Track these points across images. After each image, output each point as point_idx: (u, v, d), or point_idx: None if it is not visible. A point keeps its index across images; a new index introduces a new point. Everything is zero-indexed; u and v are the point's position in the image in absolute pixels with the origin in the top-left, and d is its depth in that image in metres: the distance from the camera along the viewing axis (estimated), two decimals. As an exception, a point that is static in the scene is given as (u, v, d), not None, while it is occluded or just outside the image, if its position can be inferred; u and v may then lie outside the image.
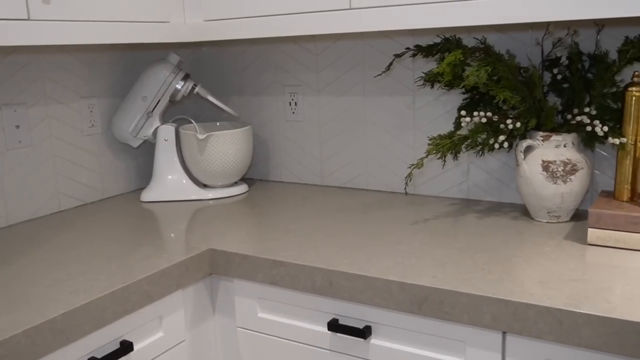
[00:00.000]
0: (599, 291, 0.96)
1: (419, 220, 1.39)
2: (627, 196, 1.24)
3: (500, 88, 1.25)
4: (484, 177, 1.54)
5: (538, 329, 0.92)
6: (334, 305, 1.15)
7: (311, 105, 1.78)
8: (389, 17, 1.25)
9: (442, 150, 1.28)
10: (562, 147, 1.28)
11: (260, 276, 1.20)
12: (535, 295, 0.95)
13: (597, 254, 1.13)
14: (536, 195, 1.30)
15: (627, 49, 1.23)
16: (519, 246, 1.19)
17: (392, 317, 1.09)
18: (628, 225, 1.14)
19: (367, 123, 1.70)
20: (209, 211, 1.56)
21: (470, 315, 0.98)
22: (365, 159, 1.72)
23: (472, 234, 1.28)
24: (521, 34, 1.43)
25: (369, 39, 1.65)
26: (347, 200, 1.61)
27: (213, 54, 1.95)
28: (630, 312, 0.88)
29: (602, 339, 0.88)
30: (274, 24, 1.41)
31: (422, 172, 1.63)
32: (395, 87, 1.63)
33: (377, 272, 1.08)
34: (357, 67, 1.68)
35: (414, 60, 1.58)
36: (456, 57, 1.23)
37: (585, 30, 1.36)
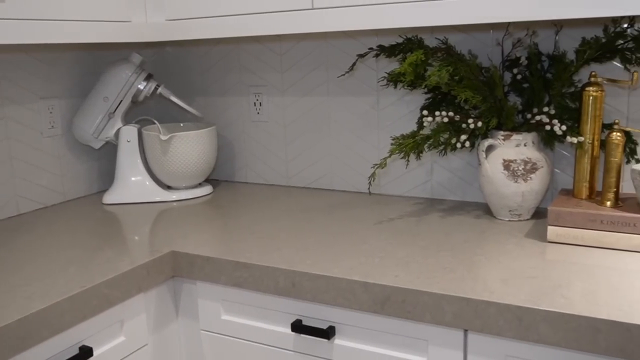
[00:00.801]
0: (557, 288, 0.97)
1: (383, 220, 1.39)
2: (586, 194, 1.26)
3: (461, 88, 1.26)
4: (447, 176, 1.56)
5: (498, 326, 0.93)
6: (297, 306, 1.14)
7: (276, 105, 1.78)
8: (351, 17, 1.25)
9: (405, 150, 1.29)
10: (523, 146, 1.30)
11: (224, 278, 1.19)
12: (496, 293, 0.96)
13: (556, 251, 1.15)
14: (498, 194, 1.32)
15: (584, 50, 1.25)
16: (481, 245, 1.20)
17: (355, 317, 1.09)
18: (586, 223, 1.16)
19: (332, 123, 1.70)
20: (173, 213, 1.55)
21: (432, 314, 0.98)
22: (330, 159, 1.72)
23: (436, 233, 1.28)
24: (482, 34, 1.44)
25: (332, 39, 1.65)
26: (312, 201, 1.61)
27: (177, 54, 1.93)
28: (586, 308, 0.89)
29: (560, 334, 0.89)
30: (236, 23, 1.40)
31: (386, 172, 1.64)
32: (360, 87, 1.63)
33: (340, 272, 1.08)
34: (321, 67, 1.68)
35: (378, 61, 1.59)
36: (418, 57, 1.24)
37: (544, 31, 1.38)
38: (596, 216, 1.15)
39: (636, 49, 1.23)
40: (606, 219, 1.14)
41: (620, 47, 1.25)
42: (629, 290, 0.95)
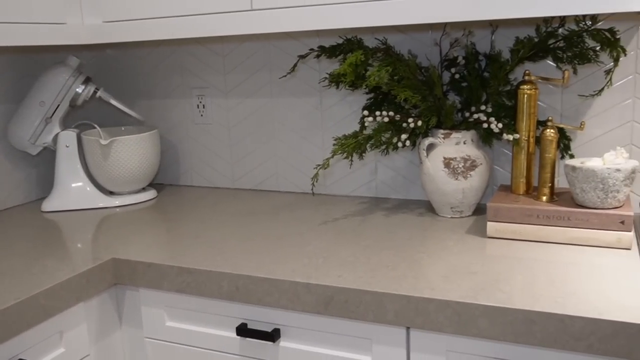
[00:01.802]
0: (495, 282, 0.99)
1: (328, 220, 1.40)
2: (523, 190, 1.30)
3: (401, 88, 1.27)
4: (391, 175, 1.57)
5: (439, 322, 0.95)
6: (242, 309, 1.14)
7: (219, 107, 1.76)
8: (290, 19, 1.25)
9: (347, 150, 1.30)
10: (462, 144, 1.32)
11: (167, 284, 1.17)
12: (436, 289, 0.97)
13: (495, 246, 1.17)
14: (439, 191, 1.34)
15: (518, 49, 1.28)
16: (423, 242, 1.21)
17: (300, 318, 1.08)
18: (523, 218, 1.19)
19: (276, 124, 1.69)
20: (116, 219, 1.51)
21: (375, 313, 0.99)
22: (275, 160, 1.71)
23: (379, 232, 1.30)
24: (421, 34, 1.46)
25: (275, 40, 1.64)
26: (258, 203, 1.60)
27: (117, 56, 1.88)
28: (523, 301, 0.91)
29: (498, 328, 0.91)
30: (175, 25, 1.37)
31: (332, 172, 1.64)
32: (303, 88, 1.63)
33: (284, 274, 1.07)
34: (264, 68, 1.67)
35: (320, 61, 1.59)
36: (357, 57, 1.24)
37: (480, 31, 1.41)
38: (532, 211, 1.18)
39: (567, 48, 1.27)
40: (542, 213, 1.18)
41: (552, 46, 1.28)
42: (564, 282, 0.98)
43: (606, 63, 1.32)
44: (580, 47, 1.26)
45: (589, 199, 1.15)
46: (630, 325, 0.83)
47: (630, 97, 1.32)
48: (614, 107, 1.34)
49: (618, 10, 1.02)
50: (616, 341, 0.84)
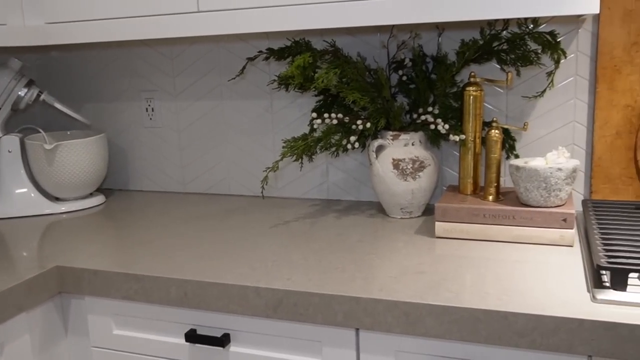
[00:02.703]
0: (442, 282, 1.00)
1: (279, 223, 1.39)
2: (471, 189, 1.32)
3: (349, 90, 1.28)
4: (342, 177, 1.58)
5: (387, 322, 0.95)
6: (191, 315, 1.12)
7: (169, 110, 1.73)
8: (237, 21, 1.24)
9: (297, 153, 1.29)
10: (411, 146, 1.34)
11: (114, 292, 1.15)
12: (385, 290, 0.98)
13: (444, 245, 1.19)
14: (389, 192, 1.35)
15: (463, 51, 1.30)
16: (374, 243, 1.22)
17: (249, 323, 1.07)
18: (471, 217, 1.21)
19: (227, 127, 1.68)
20: (62, 226, 1.47)
21: (324, 315, 0.99)
22: (226, 163, 1.70)
23: (330, 234, 1.30)
24: (370, 37, 1.47)
25: (224, 42, 1.63)
26: (209, 207, 1.58)
27: (63, 59, 1.84)
28: (469, 300, 0.93)
29: (444, 326, 0.92)
30: (121, 27, 1.35)
31: (283, 175, 1.64)
32: (253, 90, 1.62)
33: (233, 278, 1.06)
34: (213, 70, 1.66)
35: (270, 64, 1.59)
36: (305, 59, 1.24)
37: (428, 34, 1.42)
38: (479, 210, 1.20)
39: (510, 50, 1.30)
40: (488, 212, 1.20)
41: (496, 48, 1.31)
42: (509, 280, 1.00)
43: (548, 65, 1.35)
44: (523, 50, 1.29)
45: (532, 198, 1.18)
46: (571, 320, 0.85)
47: (572, 98, 1.35)
48: (556, 108, 1.37)
49: (558, 13, 1.04)
50: (558, 336, 0.86)
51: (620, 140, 1.31)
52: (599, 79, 1.30)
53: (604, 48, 1.29)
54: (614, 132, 1.31)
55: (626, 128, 1.30)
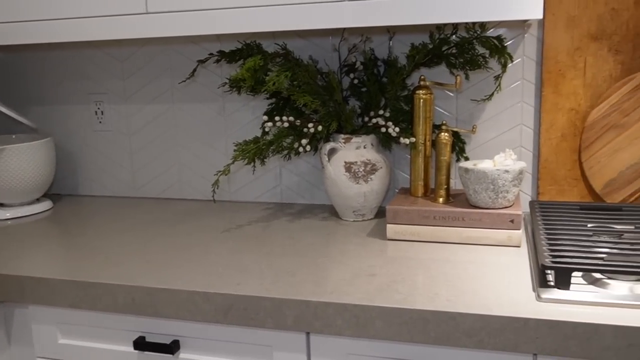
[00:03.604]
0: (392, 283, 1.01)
1: (231, 228, 1.38)
2: (421, 192, 1.33)
3: (301, 93, 1.27)
4: (295, 180, 1.57)
5: (337, 325, 0.95)
6: (139, 322, 1.10)
7: (119, 113, 1.70)
8: (186, 23, 1.22)
9: (248, 156, 1.28)
10: (362, 149, 1.34)
11: (59, 300, 1.11)
12: (335, 293, 0.98)
13: (395, 248, 1.20)
14: (342, 195, 1.35)
15: (413, 55, 1.31)
16: (326, 246, 1.22)
17: (199, 328, 1.06)
18: (421, 219, 1.22)
19: (179, 131, 1.65)
20: (7, 232, 1.42)
21: (274, 320, 0.98)
22: (178, 167, 1.68)
23: (282, 237, 1.29)
24: (322, 40, 1.47)
25: (175, 44, 1.60)
26: (160, 212, 1.55)
27: (8, 60, 1.78)
28: (418, 301, 0.93)
29: (393, 328, 0.92)
30: (67, 28, 1.32)
31: (236, 178, 1.62)
32: (205, 93, 1.60)
33: (182, 284, 1.05)
34: (165, 73, 1.63)
35: (222, 67, 1.57)
36: (255, 62, 1.24)
37: (379, 37, 1.43)
38: (429, 212, 1.21)
39: (459, 54, 1.31)
40: (438, 214, 1.21)
41: (445, 52, 1.33)
42: (457, 281, 1.01)
43: (496, 69, 1.37)
44: (471, 54, 1.31)
45: (481, 200, 1.20)
46: (516, 320, 0.87)
47: (519, 101, 1.38)
48: (504, 111, 1.40)
49: (503, 18, 1.06)
50: (504, 335, 0.88)
51: (566, 142, 1.34)
52: (545, 83, 1.33)
53: (549, 53, 1.32)
54: (559, 135, 1.34)
55: (571, 131, 1.34)
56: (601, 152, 1.31)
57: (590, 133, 1.31)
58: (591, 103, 1.32)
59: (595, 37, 1.29)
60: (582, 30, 1.30)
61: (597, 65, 1.30)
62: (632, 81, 1.27)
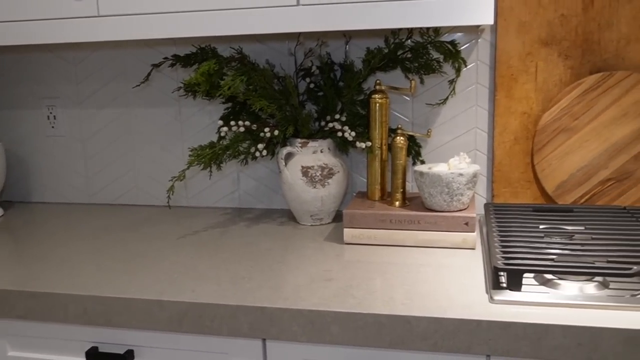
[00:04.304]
0: (349, 288, 1.01)
1: (188, 234, 1.36)
2: (379, 195, 1.34)
3: (256, 97, 1.27)
4: (253, 185, 1.56)
5: (293, 331, 0.95)
6: (92, 332, 1.07)
7: (72, 118, 1.66)
8: (139, 26, 1.20)
9: (204, 161, 1.27)
10: (319, 153, 1.34)
11: (8, 310, 1.08)
12: (290, 299, 0.97)
13: (352, 252, 1.20)
14: (299, 199, 1.35)
15: (369, 59, 1.32)
16: (283, 252, 1.21)
17: (154, 337, 1.04)
18: (377, 223, 1.23)
19: (134, 136, 1.63)
20: (-49, 242, 1.38)
21: (229, 327, 0.97)
22: (134, 173, 1.65)
23: (239, 243, 1.28)
24: (279, 44, 1.47)
25: (130, 48, 1.58)
26: (115, 219, 1.53)
27: (-46, 64, 1.73)
28: (373, 305, 0.93)
29: (349, 333, 0.92)
30: (15, 30, 1.28)
31: (193, 184, 1.60)
32: (161, 97, 1.58)
33: (136, 292, 1.03)
34: (119, 77, 1.60)
35: (177, 71, 1.55)
36: (210, 66, 1.22)
37: (335, 42, 1.44)
38: (385, 216, 1.22)
39: (414, 59, 1.33)
40: (394, 218, 1.22)
41: (400, 57, 1.34)
42: (413, 284, 1.02)
43: (450, 74, 1.39)
44: (426, 59, 1.32)
45: (436, 203, 1.21)
46: (469, 322, 0.88)
47: (474, 105, 1.40)
48: (459, 115, 1.42)
49: (455, 23, 1.08)
50: (458, 337, 0.88)
51: (519, 145, 1.37)
52: (498, 87, 1.36)
53: (501, 57, 1.34)
54: (512, 138, 1.37)
55: (523, 134, 1.36)
56: (552, 154, 1.33)
57: (542, 136, 1.33)
58: (543, 107, 1.34)
59: (545, 43, 1.32)
60: (533, 35, 1.32)
61: (548, 69, 1.33)
62: (581, 85, 1.30)
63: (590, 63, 1.31)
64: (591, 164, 1.32)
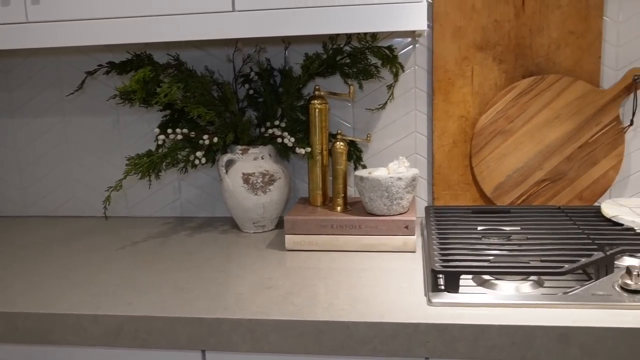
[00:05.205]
0: (288, 295, 1.00)
1: (126, 245, 1.33)
2: (320, 201, 1.34)
3: (194, 104, 1.25)
4: (195, 193, 1.54)
5: (232, 341, 0.93)
6: (23, 352, 1.03)
7: (4, 128, 1.60)
8: (70, 33, 1.17)
9: (142, 170, 1.24)
10: (260, 159, 1.33)
11: None
12: (229, 308, 0.96)
13: (294, 258, 1.19)
14: (241, 207, 1.34)
15: (307, 65, 1.32)
16: (224, 261, 1.20)
17: (89, 354, 1.01)
18: (319, 229, 1.22)
19: (71, 145, 1.58)
20: None
21: (167, 339, 0.95)
22: (72, 183, 1.60)
23: (179, 253, 1.26)
24: (217, 50, 1.45)
25: (64, 55, 1.53)
26: (52, 231, 1.48)
27: None
28: (312, 312, 0.93)
29: (289, 341, 0.92)
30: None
31: (134, 193, 1.57)
32: (98, 105, 1.54)
33: (69, 307, 0.99)
34: (54, 85, 1.56)
35: (114, 78, 1.52)
36: (145, 74, 1.20)
37: (274, 47, 1.43)
38: (327, 221, 1.22)
39: (352, 64, 1.33)
40: (336, 223, 1.22)
41: (339, 62, 1.34)
42: (353, 289, 1.02)
43: (388, 79, 1.41)
44: (364, 64, 1.33)
45: (376, 207, 1.21)
46: (407, 325, 0.88)
47: (413, 109, 1.42)
48: (399, 119, 1.43)
49: (390, 29, 1.09)
50: (396, 341, 0.89)
51: (457, 148, 1.39)
52: (435, 91, 1.38)
53: (438, 62, 1.36)
54: (451, 141, 1.39)
55: (461, 137, 1.39)
56: (490, 157, 1.36)
57: (480, 139, 1.36)
58: (479, 110, 1.37)
59: (480, 47, 1.35)
60: (468, 40, 1.35)
61: (484, 73, 1.36)
62: (515, 89, 1.34)
63: (523, 67, 1.35)
64: (527, 166, 1.35)
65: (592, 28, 1.31)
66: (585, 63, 1.33)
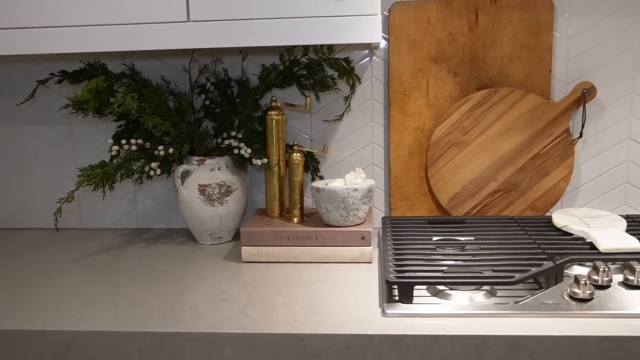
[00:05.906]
0: (243, 308, 1.00)
1: (79, 257, 1.30)
2: (278, 212, 1.33)
3: (149, 114, 1.23)
4: (151, 204, 1.52)
5: (186, 356, 0.92)
6: (-32, 368, 1.00)
7: (-48, 138, 1.56)
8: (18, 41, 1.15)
9: (95, 181, 1.22)
10: (217, 170, 1.32)
11: None
12: (183, 322, 0.95)
13: (250, 270, 1.18)
14: (197, 218, 1.32)
15: (264, 76, 1.32)
16: (180, 273, 1.18)
17: (37, 370, 0.98)
18: (276, 240, 1.22)
19: (23, 155, 1.54)
20: None
21: (119, 355, 0.93)
22: (24, 194, 1.56)
23: (134, 265, 1.24)
24: (175, 60, 1.44)
25: (16, 63, 1.50)
26: (2, 243, 1.44)
27: None
28: (266, 325, 0.92)
29: (243, 354, 0.91)
30: None
31: (88, 204, 1.54)
32: (51, 115, 1.51)
33: (15, 323, 0.96)
34: (5, 94, 1.52)
35: (67, 87, 1.49)
36: (98, 83, 1.18)
37: (231, 58, 1.43)
38: (283, 233, 1.22)
39: (309, 76, 1.34)
40: (292, 234, 1.21)
41: (296, 73, 1.34)
42: (308, 301, 1.02)
43: (345, 90, 1.41)
44: (321, 75, 1.34)
45: (333, 218, 1.22)
46: (361, 337, 0.89)
47: (370, 121, 1.43)
48: (356, 131, 1.44)
49: (345, 41, 1.09)
50: (350, 353, 0.89)
51: (413, 159, 1.41)
52: (392, 103, 1.39)
53: (394, 74, 1.38)
54: (407, 153, 1.41)
55: (417, 148, 1.40)
56: (445, 168, 1.38)
57: (435, 150, 1.38)
58: (435, 122, 1.39)
59: (435, 60, 1.37)
60: (424, 53, 1.37)
61: (439, 86, 1.38)
62: (469, 101, 1.36)
63: (477, 80, 1.37)
64: (481, 177, 1.38)
65: (542, 43, 1.35)
66: (537, 76, 1.36)
